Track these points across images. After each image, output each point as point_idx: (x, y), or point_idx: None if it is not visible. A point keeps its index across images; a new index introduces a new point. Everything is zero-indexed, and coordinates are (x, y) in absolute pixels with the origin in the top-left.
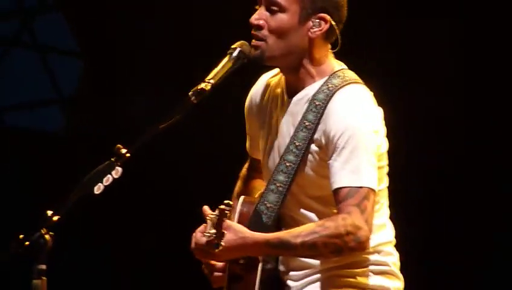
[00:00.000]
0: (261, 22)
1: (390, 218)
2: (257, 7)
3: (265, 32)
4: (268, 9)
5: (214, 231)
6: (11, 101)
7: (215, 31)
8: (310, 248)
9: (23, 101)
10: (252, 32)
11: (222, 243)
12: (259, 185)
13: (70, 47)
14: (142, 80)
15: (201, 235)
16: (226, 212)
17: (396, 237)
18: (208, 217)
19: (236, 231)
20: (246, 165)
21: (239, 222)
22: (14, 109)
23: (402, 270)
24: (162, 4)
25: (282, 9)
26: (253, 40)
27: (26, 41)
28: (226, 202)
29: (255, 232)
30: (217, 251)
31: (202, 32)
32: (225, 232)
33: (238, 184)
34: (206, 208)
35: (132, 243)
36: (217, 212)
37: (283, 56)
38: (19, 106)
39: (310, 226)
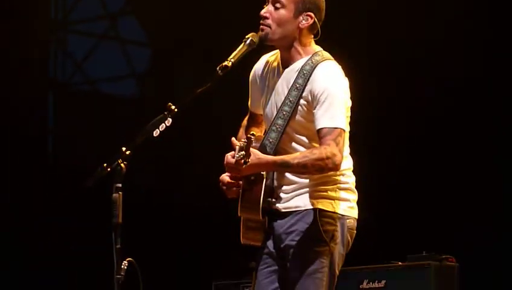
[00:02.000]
0: (268, 14)
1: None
2: (265, 5)
3: (269, 21)
4: (273, 6)
5: (243, 152)
6: (104, 75)
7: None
8: (302, 167)
9: (111, 76)
10: (261, 21)
11: (248, 161)
12: (255, 131)
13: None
14: (188, 63)
15: (231, 157)
16: (252, 139)
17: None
18: (237, 145)
19: (256, 153)
20: (246, 117)
21: None
22: (106, 81)
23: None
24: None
25: (283, 6)
26: (261, 26)
27: (112, 36)
28: (251, 132)
29: (267, 155)
30: (244, 166)
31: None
32: (251, 153)
33: (241, 131)
34: (234, 139)
35: None
36: (244, 139)
37: (280, 39)
38: (109, 79)
39: (303, 152)
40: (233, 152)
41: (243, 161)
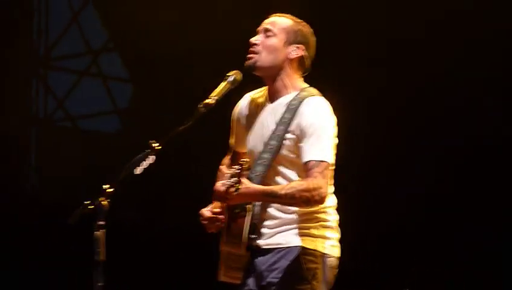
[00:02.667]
0: (258, 42)
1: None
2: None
3: (259, 48)
4: (264, 34)
5: (235, 178)
6: (83, 111)
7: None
8: (290, 198)
9: (93, 112)
10: (250, 49)
11: (240, 187)
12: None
13: (123, 75)
14: (171, 98)
15: (221, 185)
16: (245, 166)
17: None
18: (227, 172)
19: (246, 183)
20: (228, 157)
21: None
22: (87, 117)
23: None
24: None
25: (274, 35)
26: (249, 55)
27: (94, 72)
28: (243, 159)
29: (257, 185)
30: (235, 193)
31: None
32: (242, 181)
33: (221, 170)
34: (223, 167)
35: None
36: (237, 166)
37: (269, 67)
38: (89, 115)
39: (290, 183)
40: (222, 181)
41: (234, 188)
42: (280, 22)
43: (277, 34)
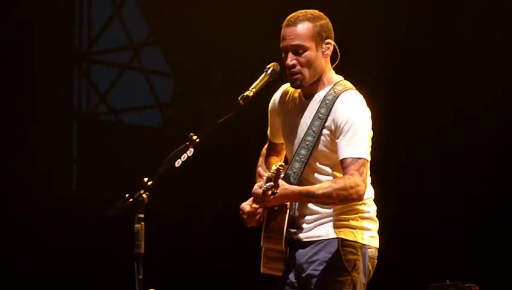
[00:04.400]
0: (294, 62)
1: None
2: (283, 55)
3: (299, 68)
4: (295, 53)
5: (271, 183)
6: (127, 105)
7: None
8: (327, 197)
9: (135, 106)
10: (289, 71)
11: (277, 192)
12: (274, 160)
13: (165, 70)
14: (209, 92)
15: (258, 187)
16: (281, 170)
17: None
18: (264, 175)
19: (284, 184)
20: (265, 146)
21: None
22: (129, 111)
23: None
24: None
25: (305, 49)
26: (293, 76)
27: (135, 66)
28: (280, 163)
29: (293, 186)
30: (272, 197)
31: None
32: (279, 184)
33: (260, 159)
34: (260, 169)
35: None
36: (274, 170)
37: (314, 78)
38: (132, 109)
39: (327, 183)
40: (260, 183)
41: (270, 191)
42: (302, 32)
43: (307, 47)
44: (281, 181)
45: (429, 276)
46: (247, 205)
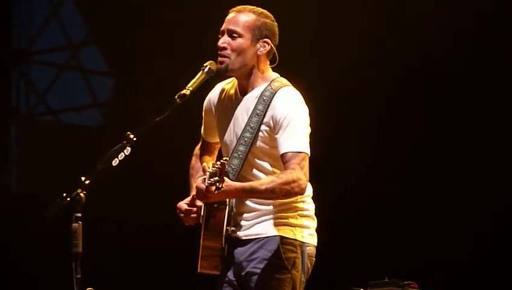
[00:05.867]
0: (225, 45)
1: None
2: (220, 36)
3: (228, 51)
4: (230, 36)
5: (216, 178)
6: (65, 105)
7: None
8: (270, 192)
9: (73, 106)
10: (219, 52)
11: (222, 186)
12: (207, 160)
13: (103, 68)
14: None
15: (201, 182)
16: (226, 165)
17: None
18: (208, 170)
19: (228, 180)
20: (198, 146)
21: None
22: (67, 111)
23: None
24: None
25: (240, 36)
26: (220, 58)
27: (74, 66)
28: (224, 158)
29: (236, 182)
30: (216, 192)
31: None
32: (224, 179)
33: (194, 159)
34: (205, 164)
35: None
36: (219, 164)
37: (240, 68)
38: (71, 109)
39: (270, 177)
40: (203, 177)
41: (214, 187)
42: (243, 20)
43: (243, 34)
44: (225, 178)
45: (367, 273)
46: (184, 204)
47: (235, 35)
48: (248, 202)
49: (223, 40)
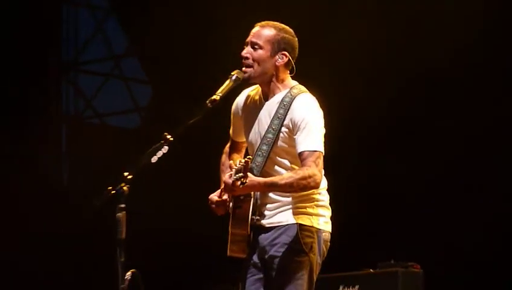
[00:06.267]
0: (248, 55)
1: None
2: (244, 46)
3: (250, 61)
4: (252, 47)
5: (241, 174)
6: (109, 109)
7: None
8: (289, 186)
9: (116, 110)
10: (242, 61)
11: (246, 182)
12: (236, 157)
13: (142, 77)
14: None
15: (228, 178)
16: (249, 163)
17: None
18: (234, 167)
19: (251, 176)
20: (228, 145)
21: None
22: (111, 115)
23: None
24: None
25: (260, 48)
26: (244, 68)
27: (116, 75)
28: (248, 157)
29: (259, 177)
30: (241, 187)
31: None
32: (248, 175)
33: (223, 156)
34: (231, 162)
35: None
36: (243, 162)
37: (260, 76)
38: (114, 113)
39: (288, 173)
40: (230, 173)
41: (239, 182)
42: (265, 34)
43: (263, 47)
44: (249, 174)
45: (376, 256)
46: (214, 196)
47: (256, 46)
48: (270, 194)
49: (246, 51)
